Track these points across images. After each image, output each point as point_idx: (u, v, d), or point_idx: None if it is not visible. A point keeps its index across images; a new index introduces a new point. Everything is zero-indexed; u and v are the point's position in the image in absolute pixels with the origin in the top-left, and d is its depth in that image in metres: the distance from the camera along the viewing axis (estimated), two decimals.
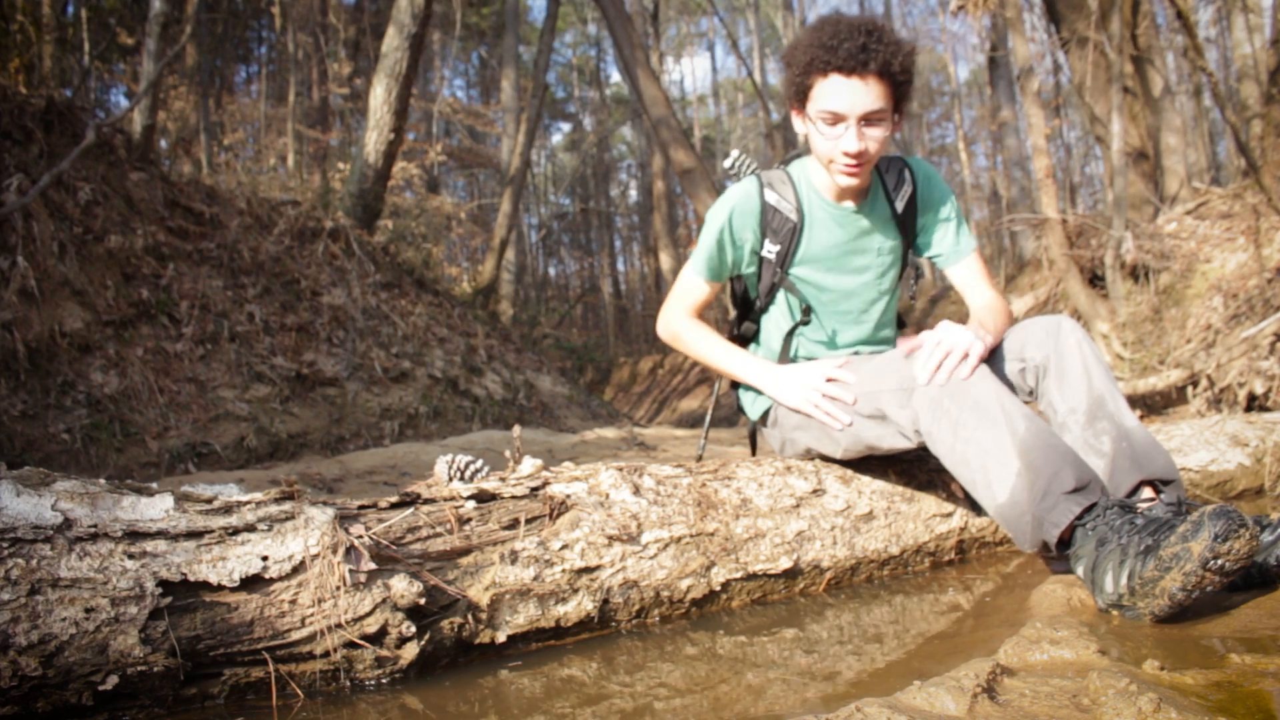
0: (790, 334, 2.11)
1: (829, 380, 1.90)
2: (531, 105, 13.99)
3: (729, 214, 2.04)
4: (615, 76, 32.78)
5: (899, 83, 1.84)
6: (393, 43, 8.89)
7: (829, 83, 1.81)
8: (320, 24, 17.20)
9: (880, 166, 2.09)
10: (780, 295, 2.12)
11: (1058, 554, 1.56)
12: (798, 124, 1.96)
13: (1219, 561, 1.26)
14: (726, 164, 2.19)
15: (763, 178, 2.06)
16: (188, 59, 13.84)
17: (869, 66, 1.78)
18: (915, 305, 16.38)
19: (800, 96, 1.89)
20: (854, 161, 1.86)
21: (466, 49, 24.56)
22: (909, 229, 2.11)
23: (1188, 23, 6.05)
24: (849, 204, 2.04)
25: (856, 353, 2.14)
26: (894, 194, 2.07)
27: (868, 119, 1.83)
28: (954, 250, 2.12)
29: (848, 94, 1.80)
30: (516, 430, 1.86)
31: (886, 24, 1.86)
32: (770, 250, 2.04)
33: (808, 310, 2.07)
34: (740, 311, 2.24)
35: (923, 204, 2.10)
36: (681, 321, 2.15)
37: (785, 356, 2.13)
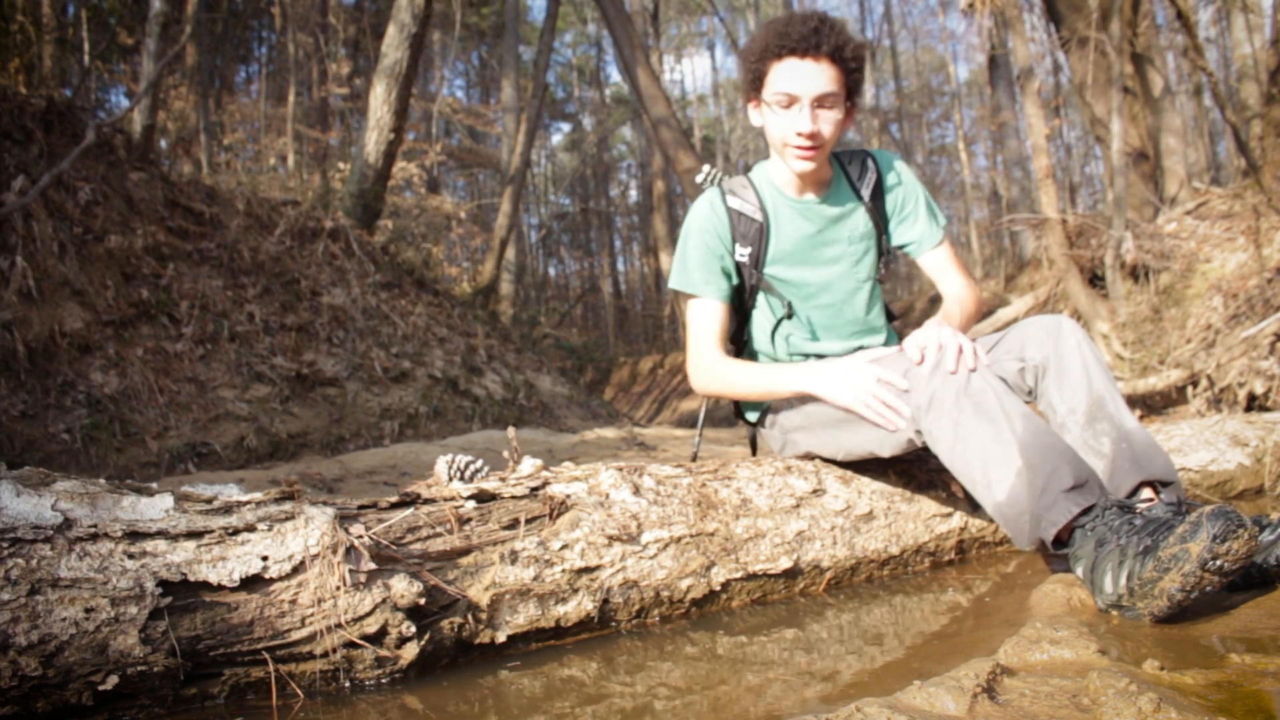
0: (774, 331, 2.11)
1: (879, 381, 1.84)
2: (531, 105, 13.99)
3: (699, 226, 2.06)
4: (615, 76, 32.79)
5: (850, 70, 1.89)
6: (393, 43, 8.89)
7: (783, 65, 1.87)
8: (320, 24, 17.20)
9: (843, 159, 2.12)
10: (761, 297, 2.12)
11: (1054, 552, 1.56)
12: (754, 116, 2.00)
13: (1217, 562, 1.26)
14: (699, 179, 2.21)
15: (723, 186, 2.09)
16: (188, 59, 13.83)
17: (821, 49, 1.84)
18: (916, 306, 16.38)
19: (756, 84, 1.94)
20: (808, 143, 1.89)
21: (466, 49, 24.57)
22: (880, 216, 2.12)
23: (1188, 23, 6.06)
24: (811, 195, 2.06)
25: (859, 348, 2.13)
26: (858, 182, 2.10)
27: (821, 101, 1.87)
28: (923, 238, 2.13)
29: (801, 75, 1.85)
30: (511, 431, 1.86)
31: (837, 18, 1.92)
32: (743, 254, 2.06)
33: (789, 305, 2.08)
34: (737, 322, 2.23)
35: (888, 191, 2.12)
36: (714, 360, 2.03)
37: (775, 355, 2.13)
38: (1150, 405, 5.51)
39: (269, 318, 6.69)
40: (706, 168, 2.20)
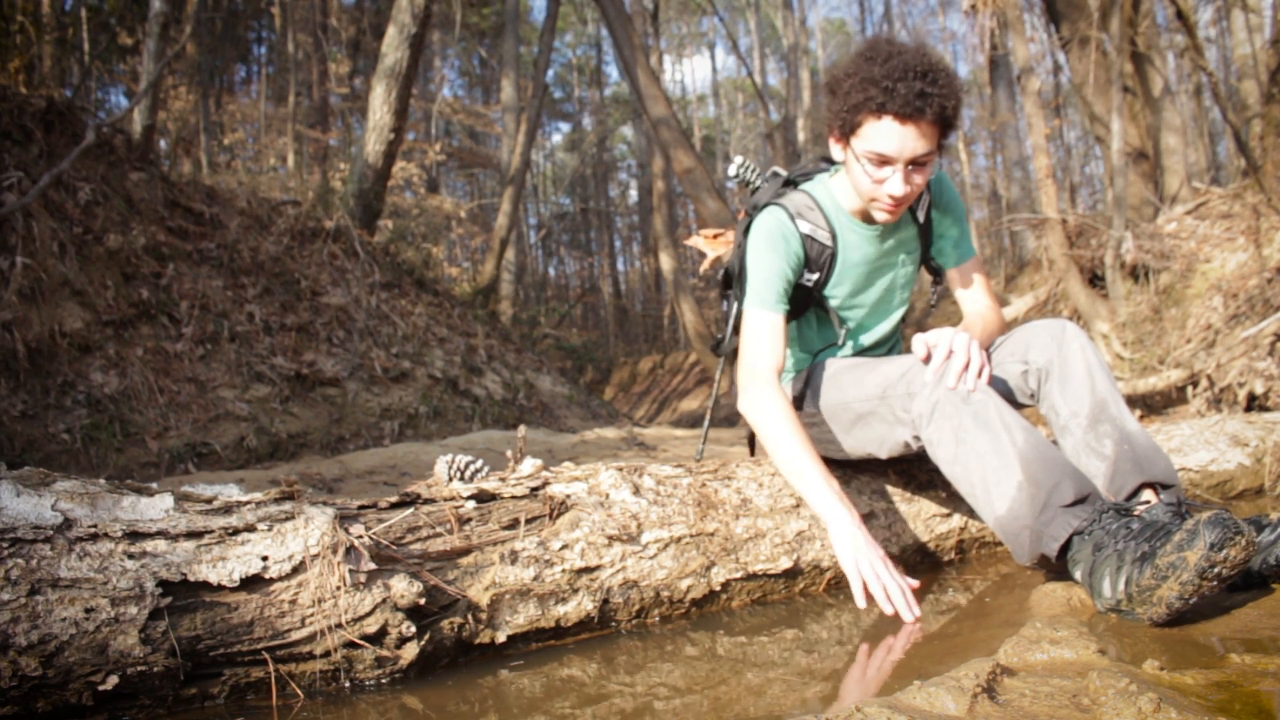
0: (820, 352, 2.10)
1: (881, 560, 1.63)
2: (531, 105, 14.00)
3: (777, 241, 1.94)
4: (615, 76, 32.81)
5: (948, 122, 1.78)
6: (393, 43, 8.89)
7: (881, 125, 1.73)
8: (320, 24, 17.20)
9: None
10: (811, 312, 2.10)
11: (1057, 563, 1.55)
12: (836, 152, 1.89)
13: (1215, 570, 1.26)
14: (730, 171, 2.15)
15: (788, 207, 1.98)
16: (188, 58, 13.83)
17: (925, 114, 1.70)
18: (915, 306, 16.38)
19: (845, 130, 1.81)
20: (896, 204, 1.82)
21: (467, 49, 24.57)
22: (927, 236, 2.11)
23: (1188, 22, 6.05)
24: (877, 224, 2.00)
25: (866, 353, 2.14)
26: (915, 205, 2.04)
27: (915, 162, 1.77)
28: (958, 255, 2.12)
29: (899, 139, 1.73)
30: (521, 430, 1.86)
31: (939, 58, 1.76)
32: (809, 278, 2.00)
33: (845, 334, 2.06)
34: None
35: (937, 210, 2.10)
36: (765, 396, 1.81)
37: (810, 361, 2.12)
38: (1150, 405, 5.51)
39: (269, 318, 6.69)
40: (739, 159, 2.14)
